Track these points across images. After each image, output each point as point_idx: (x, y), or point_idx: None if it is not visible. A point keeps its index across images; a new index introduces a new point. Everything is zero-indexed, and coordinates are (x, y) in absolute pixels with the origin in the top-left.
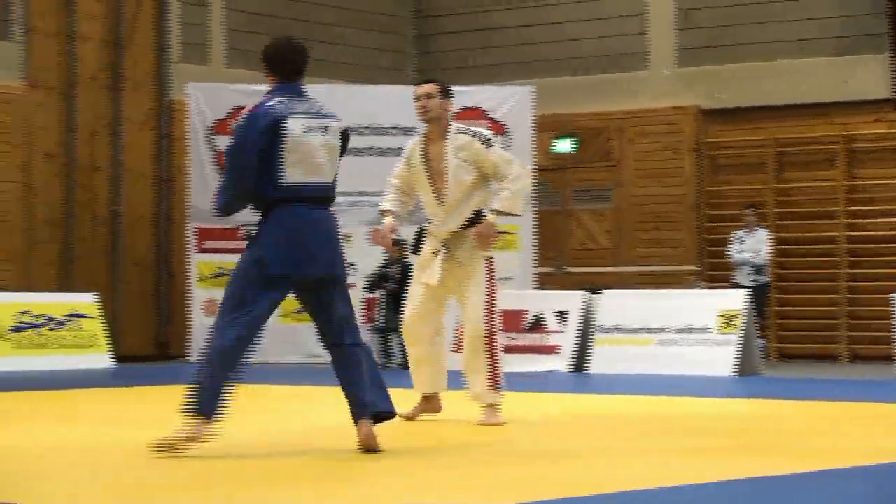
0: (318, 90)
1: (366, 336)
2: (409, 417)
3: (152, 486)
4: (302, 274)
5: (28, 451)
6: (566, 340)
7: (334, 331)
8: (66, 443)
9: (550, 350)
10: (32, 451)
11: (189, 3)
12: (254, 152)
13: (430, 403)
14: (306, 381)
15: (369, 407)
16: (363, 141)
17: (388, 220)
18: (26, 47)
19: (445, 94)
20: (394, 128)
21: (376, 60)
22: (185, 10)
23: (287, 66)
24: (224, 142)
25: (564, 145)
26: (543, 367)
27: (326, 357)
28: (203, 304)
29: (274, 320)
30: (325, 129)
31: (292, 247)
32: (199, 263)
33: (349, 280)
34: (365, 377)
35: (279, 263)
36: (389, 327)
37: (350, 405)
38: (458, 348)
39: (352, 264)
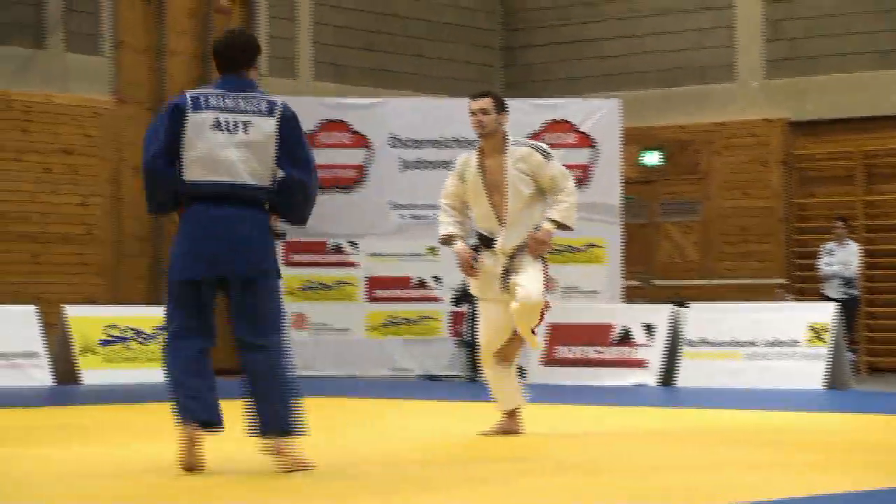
0: (406, 103)
1: (452, 349)
2: (491, 434)
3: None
4: (202, 276)
5: (102, 464)
6: (654, 354)
7: (239, 327)
8: (141, 456)
9: (638, 364)
10: (106, 464)
11: (277, 17)
12: (159, 137)
13: (511, 422)
14: (392, 394)
15: (267, 426)
16: (450, 154)
17: (461, 245)
18: (115, 62)
19: (501, 107)
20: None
21: (464, 73)
22: (273, 24)
23: (221, 60)
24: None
25: (652, 158)
26: (631, 380)
27: (415, 370)
28: (291, 317)
29: (361, 334)
30: (244, 125)
31: (193, 250)
32: (287, 277)
33: (437, 293)
34: (264, 389)
35: (179, 269)
36: (477, 340)
37: (249, 419)
38: (547, 360)
39: (439, 278)
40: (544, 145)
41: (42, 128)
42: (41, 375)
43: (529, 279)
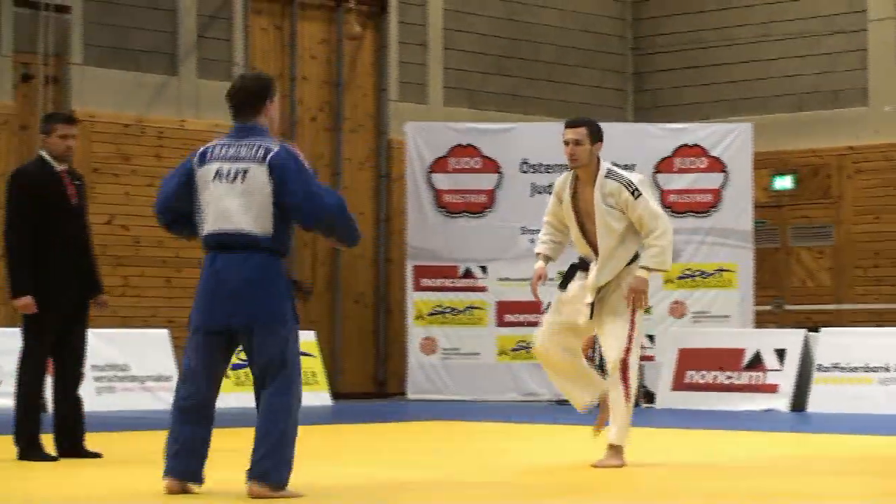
0: (537, 128)
1: None
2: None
3: None
4: (211, 326)
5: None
6: (785, 379)
7: (255, 377)
8: None
9: (770, 389)
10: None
11: (408, 42)
12: (165, 191)
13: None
14: (520, 418)
15: (253, 469)
16: None
17: (539, 265)
18: None
19: (595, 137)
20: (613, 164)
21: (596, 98)
22: (404, 49)
23: (230, 107)
24: (442, 180)
25: (783, 182)
26: (762, 405)
27: (544, 395)
28: (420, 341)
29: (491, 358)
30: (243, 173)
31: (200, 302)
32: (416, 301)
33: None
34: (261, 434)
35: (193, 317)
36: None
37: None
38: (677, 385)
39: None
40: (636, 181)
41: (175, 153)
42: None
43: (616, 336)
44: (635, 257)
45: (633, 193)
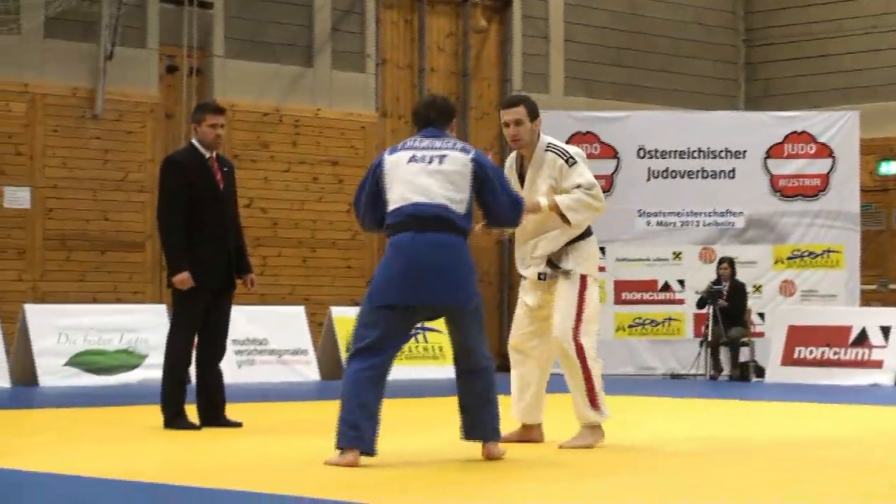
0: (653, 116)
1: (695, 349)
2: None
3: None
4: (408, 303)
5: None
6: (890, 355)
7: (454, 351)
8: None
9: (875, 364)
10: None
11: (531, 35)
12: (364, 187)
13: (530, 433)
14: (635, 392)
15: (478, 432)
16: (695, 164)
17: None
18: (378, 79)
19: (533, 114)
20: (724, 151)
21: (708, 87)
22: (526, 42)
23: (418, 119)
24: None
25: (889, 167)
26: (868, 380)
27: (659, 369)
28: None
29: (608, 334)
30: (439, 158)
31: (397, 277)
32: None
33: (680, 295)
34: (477, 407)
35: (380, 296)
36: (720, 342)
37: (464, 426)
38: (786, 360)
39: (681, 281)
40: (572, 150)
41: (310, 140)
42: (308, 371)
43: (561, 315)
44: (586, 234)
45: (567, 161)
